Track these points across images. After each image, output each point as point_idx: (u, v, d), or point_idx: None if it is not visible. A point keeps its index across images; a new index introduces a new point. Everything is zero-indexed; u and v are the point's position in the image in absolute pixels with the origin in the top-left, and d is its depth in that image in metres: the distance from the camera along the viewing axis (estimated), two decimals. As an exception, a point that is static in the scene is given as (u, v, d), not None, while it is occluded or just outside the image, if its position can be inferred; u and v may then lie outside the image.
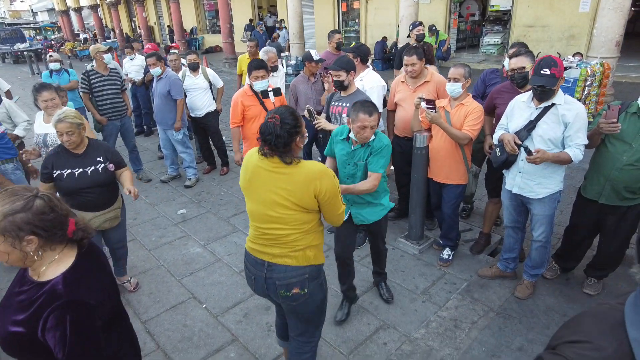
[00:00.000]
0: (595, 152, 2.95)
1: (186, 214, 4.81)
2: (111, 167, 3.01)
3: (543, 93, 2.65)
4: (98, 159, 2.95)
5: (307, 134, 2.06)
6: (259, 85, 3.95)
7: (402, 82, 3.88)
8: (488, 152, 3.48)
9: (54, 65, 6.18)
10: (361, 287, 3.40)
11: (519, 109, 2.87)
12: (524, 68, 3.10)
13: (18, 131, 4.28)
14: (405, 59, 3.67)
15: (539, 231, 3.04)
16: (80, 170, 2.88)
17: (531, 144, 2.79)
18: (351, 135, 2.68)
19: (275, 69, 5.13)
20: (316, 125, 3.60)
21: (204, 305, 3.32)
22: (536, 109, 2.77)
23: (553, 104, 2.70)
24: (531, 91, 2.79)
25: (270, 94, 4.00)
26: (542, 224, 3.01)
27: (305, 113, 3.63)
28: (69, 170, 2.85)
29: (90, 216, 2.95)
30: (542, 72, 2.58)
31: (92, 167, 2.91)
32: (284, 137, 1.87)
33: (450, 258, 3.65)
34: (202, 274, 3.71)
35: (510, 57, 3.30)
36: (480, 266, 3.59)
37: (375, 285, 3.38)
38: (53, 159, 2.87)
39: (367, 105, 2.59)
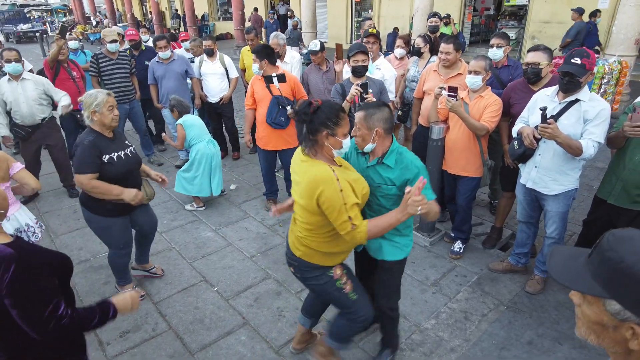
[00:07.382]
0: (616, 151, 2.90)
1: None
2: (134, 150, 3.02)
3: (570, 83, 2.59)
4: (126, 142, 2.95)
5: (347, 140, 1.92)
6: (253, 69, 4.14)
7: (434, 70, 3.83)
8: (513, 165, 3.29)
9: (72, 44, 5.97)
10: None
11: (542, 102, 2.82)
12: (539, 64, 3.05)
13: (64, 101, 4.47)
14: (442, 46, 3.64)
15: (552, 228, 3.03)
16: (122, 152, 2.82)
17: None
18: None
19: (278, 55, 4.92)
20: (367, 100, 3.29)
21: (215, 289, 3.35)
22: (559, 103, 2.72)
23: (577, 100, 2.65)
24: (557, 85, 2.75)
25: (275, 79, 4.03)
26: (555, 220, 2.99)
27: (355, 89, 3.21)
28: (116, 154, 2.78)
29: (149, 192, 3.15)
30: (572, 60, 2.54)
31: (127, 150, 2.89)
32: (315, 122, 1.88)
33: (462, 251, 3.65)
34: (213, 258, 3.74)
35: (524, 52, 3.24)
36: (490, 260, 3.59)
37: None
38: (98, 144, 2.70)
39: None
